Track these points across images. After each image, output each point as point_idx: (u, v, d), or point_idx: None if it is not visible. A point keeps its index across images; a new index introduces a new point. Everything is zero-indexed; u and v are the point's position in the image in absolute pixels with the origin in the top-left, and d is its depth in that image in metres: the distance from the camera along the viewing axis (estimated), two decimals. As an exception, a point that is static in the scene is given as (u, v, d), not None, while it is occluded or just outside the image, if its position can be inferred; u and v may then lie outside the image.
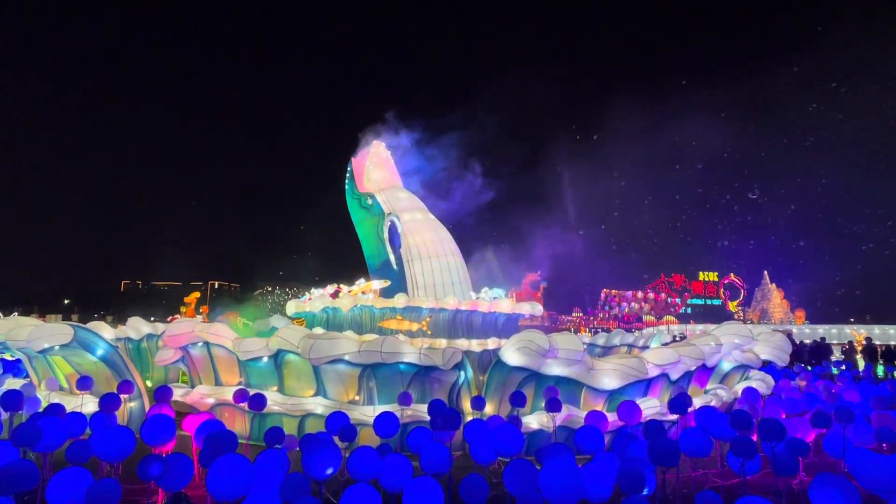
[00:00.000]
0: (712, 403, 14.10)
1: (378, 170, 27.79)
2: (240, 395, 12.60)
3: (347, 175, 27.36)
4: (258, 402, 12.04)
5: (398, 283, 22.64)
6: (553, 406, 11.47)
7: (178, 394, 14.15)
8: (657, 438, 8.14)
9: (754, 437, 10.56)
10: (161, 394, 12.61)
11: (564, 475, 6.76)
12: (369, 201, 25.20)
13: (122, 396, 12.63)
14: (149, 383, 17.52)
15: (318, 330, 20.44)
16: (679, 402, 11.09)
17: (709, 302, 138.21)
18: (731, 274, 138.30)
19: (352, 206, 26.22)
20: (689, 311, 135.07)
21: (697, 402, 13.74)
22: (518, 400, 11.91)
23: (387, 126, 34.33)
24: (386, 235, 23.93)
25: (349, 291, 22.75)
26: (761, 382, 16.23)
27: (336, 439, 9.97)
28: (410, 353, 12.66)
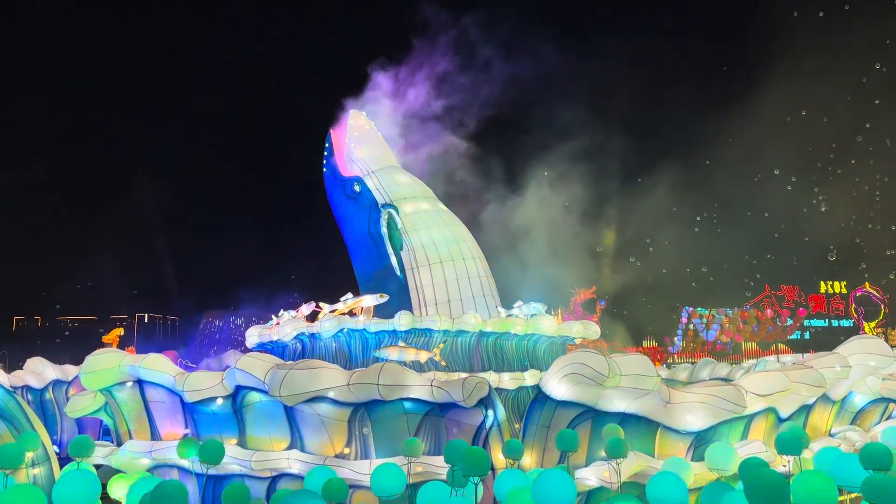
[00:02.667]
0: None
1: (363, 147, 28.07)
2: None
3: (325, 153, 27.49)
4: (211, 455, 12.25)
5: (399, 297, 22.85)
6: (616, 451, 11.58)
7: (101, 454, 14.36)
8: (758, 484, 8.23)
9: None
10: (79, 446, 12.79)
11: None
12: (356, 188, 25.35)
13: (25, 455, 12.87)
14: (56, 449, 17.72)
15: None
16: (791, 439, 11.15)
17: (836, 323, 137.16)
18: (867, 283, 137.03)
19: (334, 196, 26.45)
20: (807, 336, 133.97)
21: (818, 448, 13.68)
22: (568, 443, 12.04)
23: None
24: (386, 230, 24.11)
25: (332, 311, 22.91)
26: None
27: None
28: (419, 385, 12.64)
